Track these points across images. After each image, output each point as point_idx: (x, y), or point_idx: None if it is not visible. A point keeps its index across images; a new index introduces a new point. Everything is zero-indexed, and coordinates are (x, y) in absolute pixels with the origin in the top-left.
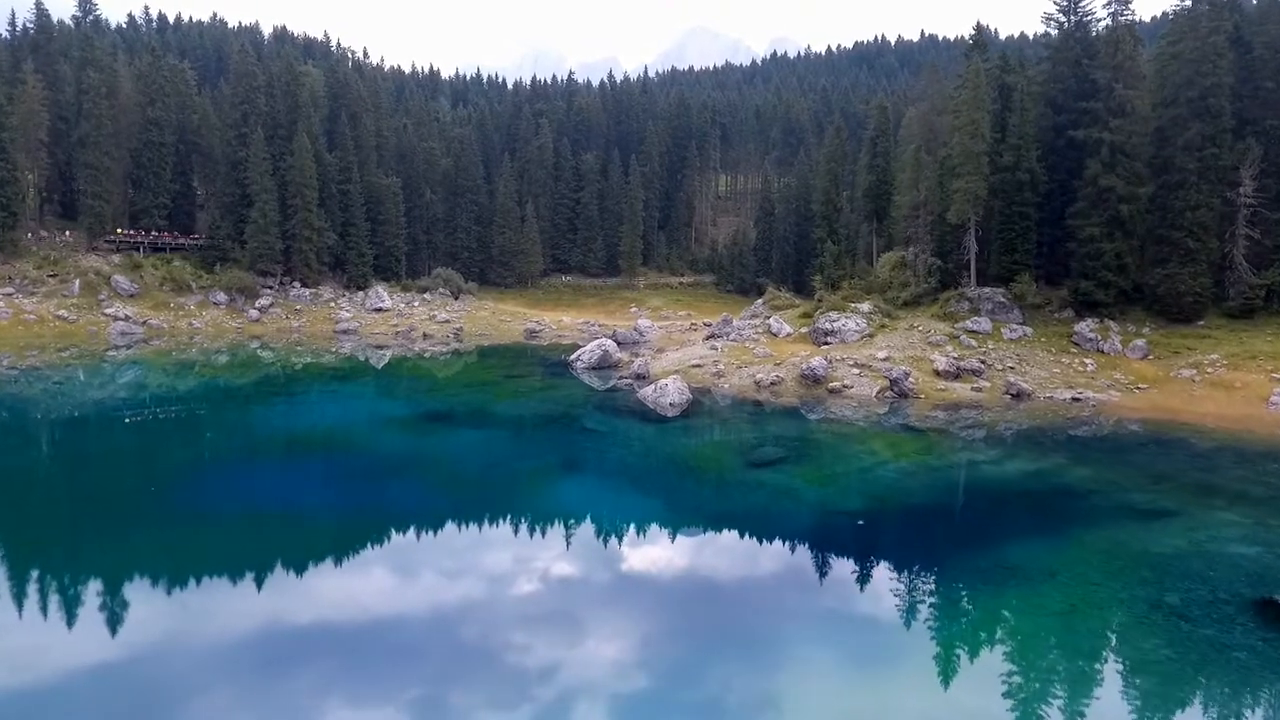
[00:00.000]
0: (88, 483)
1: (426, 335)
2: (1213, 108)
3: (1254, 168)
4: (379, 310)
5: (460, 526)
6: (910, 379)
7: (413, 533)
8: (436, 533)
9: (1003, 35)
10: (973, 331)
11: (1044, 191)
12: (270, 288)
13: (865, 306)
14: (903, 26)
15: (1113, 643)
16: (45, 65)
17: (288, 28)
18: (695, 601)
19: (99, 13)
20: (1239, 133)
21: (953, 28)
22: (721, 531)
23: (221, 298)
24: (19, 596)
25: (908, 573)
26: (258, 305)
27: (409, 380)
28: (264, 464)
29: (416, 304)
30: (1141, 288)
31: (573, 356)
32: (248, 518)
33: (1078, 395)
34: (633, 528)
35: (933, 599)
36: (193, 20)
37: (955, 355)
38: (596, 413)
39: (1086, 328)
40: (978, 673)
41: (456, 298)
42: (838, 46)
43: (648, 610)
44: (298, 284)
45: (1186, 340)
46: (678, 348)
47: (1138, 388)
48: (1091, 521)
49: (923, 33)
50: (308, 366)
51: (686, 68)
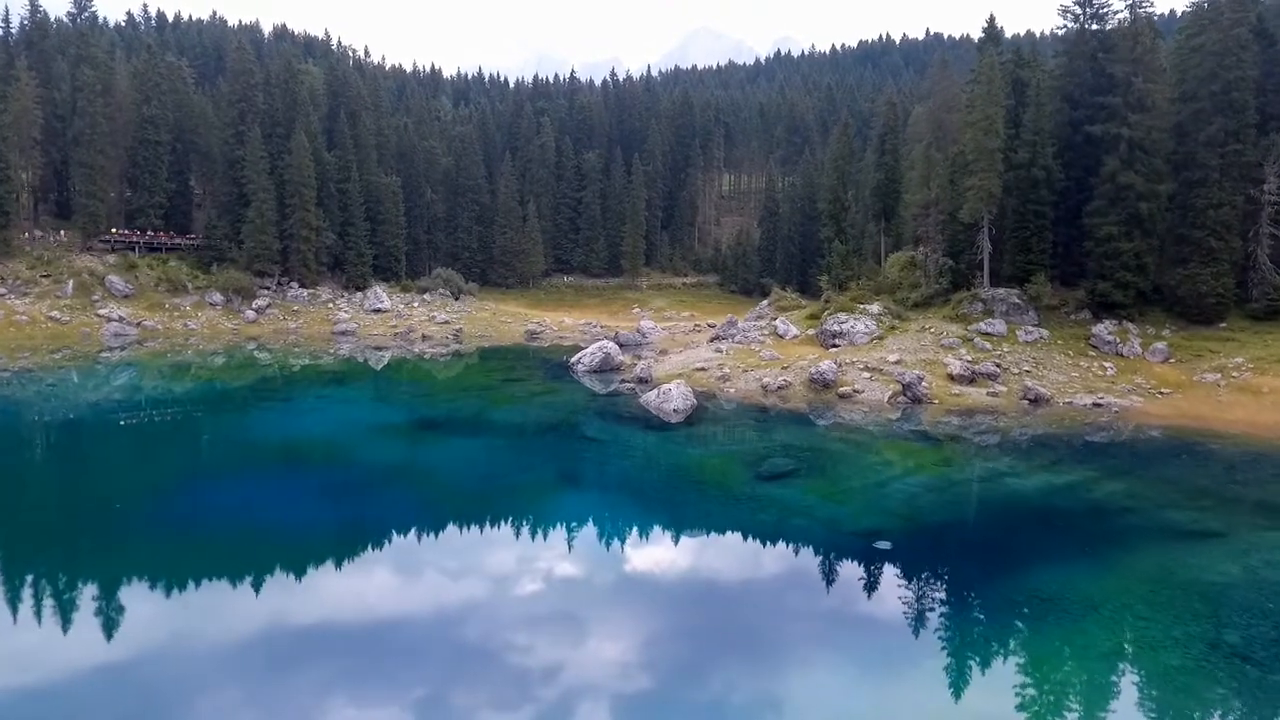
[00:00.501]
0: (58, 490)
1: (425, 337)
2: (1236, 102)
3: (1278, 164)
4: (378, 311)
5: (447, 548)
6: (924, 383)
7: (395, 554)
8: (420, 555)
9: (1009, 33)
10: (987, 334)
11: (1060, 189)
12: (268, 288)
13: (874, 308)
14: (907, 25)
15: (1171, 691)
16: (39, 62)
17: (288, 26)
18: (701, 634)
19: (95, 9)
20: (1263, 128)
21: (958, 26)
22: (729, 554)
23: (218, 298)
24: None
25: (933, 605)
26: (255, 306)
27: (404, 384)
28: (242, 476)
29: (416, 305)
30: (1161, 288)
31: (573, 359)
32: (216, 534)
33: (1099, 400)
34: (633, 551)
35: (963, 636)
36: (192, 19)
37: (969, 358)
38: (597, 419)
39: (1105, 330)
40: None
41: (457, 298)
42: (842, 45)
43: (650, 646)
44: (296, 284)
45: (1209, 343)
46: (681, 350)
47: (1160, 393)
48: (1131, 544)
49: (928, 31)
50: (305, 369)
51: (690, 66)
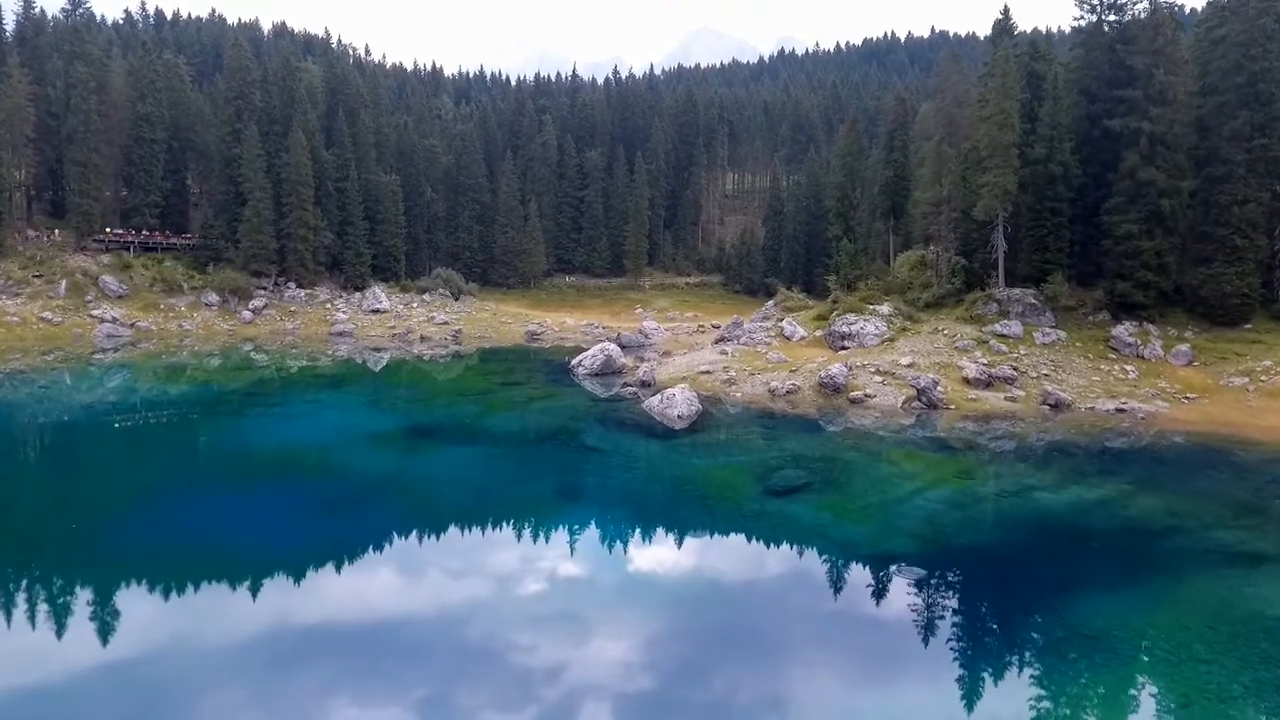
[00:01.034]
0: (40, 495)
1: (424, 338)
2: (1262, 94)
3: None
4: (376, 312)
5: (433, 570)
6: (939, 388)
7: (379, 574)
8: (405, 577)
9: (1021, 29)
10: (1003, 335)
11: (1077, 186)
12: (264, 288)
13: (885, 308)
14: (912, 23)
15: None
16: (33, 59)
17: (288, 24)
18: (710, 674)
19: (90, 6)
20: None
21: (964, 24)
22: (738, 581)
23: (214, 299)
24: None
25: (965, 643)
26: (251, 306)
27: (400, 388)
28: (219, 489)
29: (415, 305)
30: (1182, 288)
31: (574, 362)
32: (181, 554)
33: (1122, 406)
34: (634, 577)
35: (999, 680)
36: (191, 17)
37: (985, 361)
38: (598, 426)
39: (1125, 332)
40: None
41: (456, 299)
42: (846, 43)
43: (654, 687)
44: (293, 285)
45: (1234, 345)
46: (685, 351)
47: (1186, 397)
48: (1179, 569)
49: (933, 29)
50: (300, 371)
51: (693, 65)
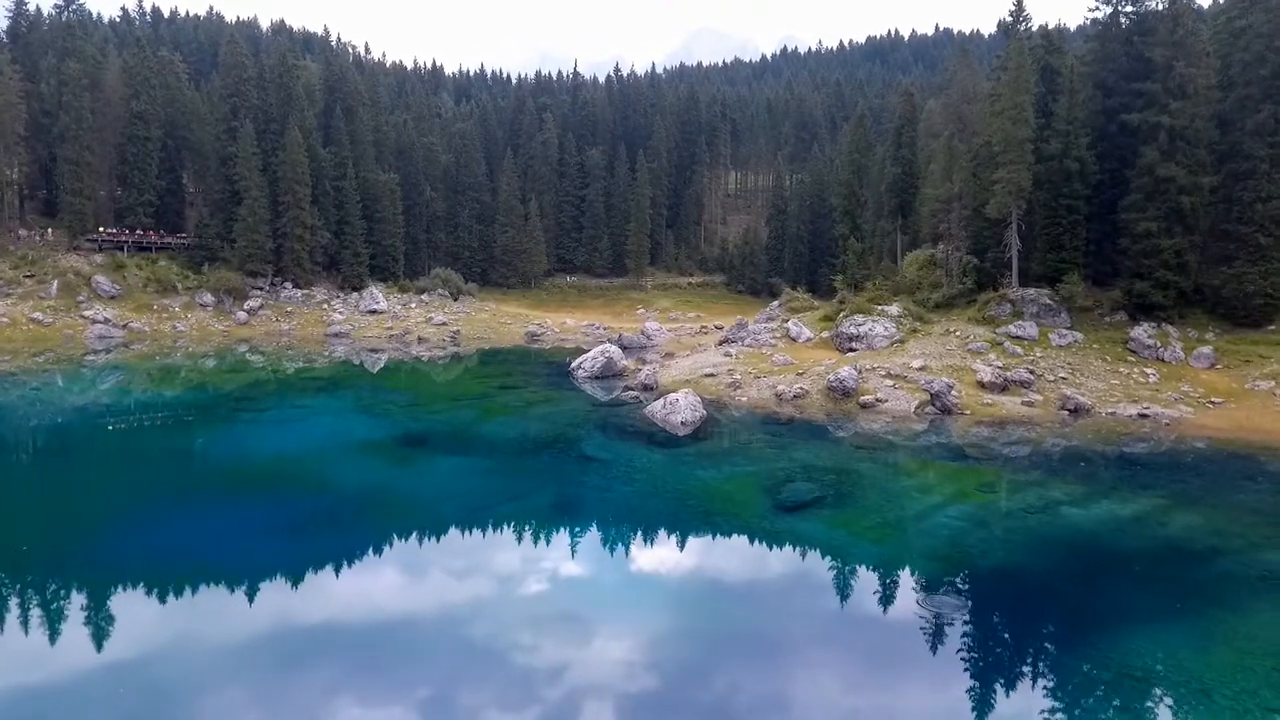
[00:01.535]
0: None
1: (422, 339)
2: None
3: None
4: (373, 312)
5: (414, 595)
6: (953, 392)
7: (344, 603)
8: (384, 605)
9: (1031, 25)
10: (1017, 337)
11: (1093, 183)
12: (260, 289)
13: (894, 309)
14: (916, 20)
15: None
16: (25, 56)
17: (286, 22)
18: (719, 717)
19: (82, 2)
20: None
21: (968, 21)
22: (746, 609)
23: (208, 299)
24: None
25: (998, 682)
26: (246, 307)
27: (394, 392)
28: (190, 505)
29: (413, 305)
30: (1202, 289)
31: (574, 364)
32: (135, 576)
33: (1144, 411)
34: (634, 604)
35: None
36: (189, 14)
37: (1000, 364)
38: (598, 433)
39: (1144, 333)
40: None
41: (455, 299)
42: (849, 41)
43: None
44: (289, 285)
45: (1257, 347)
46: (688, 353)
47: (1211, 402)
48: (1232, 598)
49: (937, 26)
50: (295, 374)
51: (695, 64)
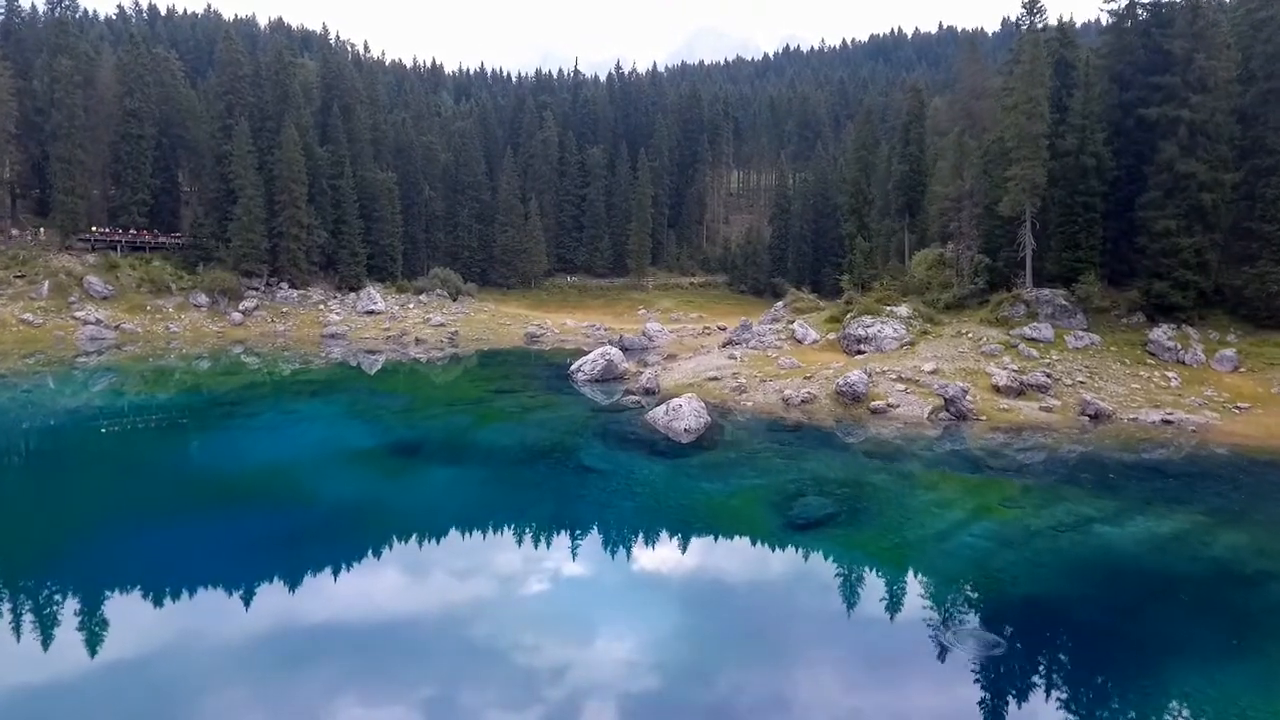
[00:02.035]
0: None
1: (419, 340)
2: None
3: None
4: (371, 313)
5: (391, 629)
6: (968, 397)
7: (330, 636)
8: (352, 633)
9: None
10: (1032, 339)
11: (1110, 179)
12: (256, 289)
13: (903, 310)
14: (919, 19)
15: None
16: (16, 52)
17: (284, 20)
18: None
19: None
20: None
21: (972, 19)
22: (758, 643)
23: (203, 300)
24: None
25: None
26: (241, 308)
27: (387, 396)
28: (157, 519)
29: (411, 306)
30: (1223, 289)
31: (574, 367)
32: (98, 597)
33: (1168, 417)
34: (632, 640)
35: None
36: (186, 12)
37: (1016, 368)
38: (597, 442)
39: (1163, 335)
40: None
41: (454, 299)
42: (852, 40)
43: None
44: (285, 285)
45: None
46: (690, 355)
47: (1237, 407)
48: None
49: (940, 24)
50: (294, 374)
51: (697, 62)
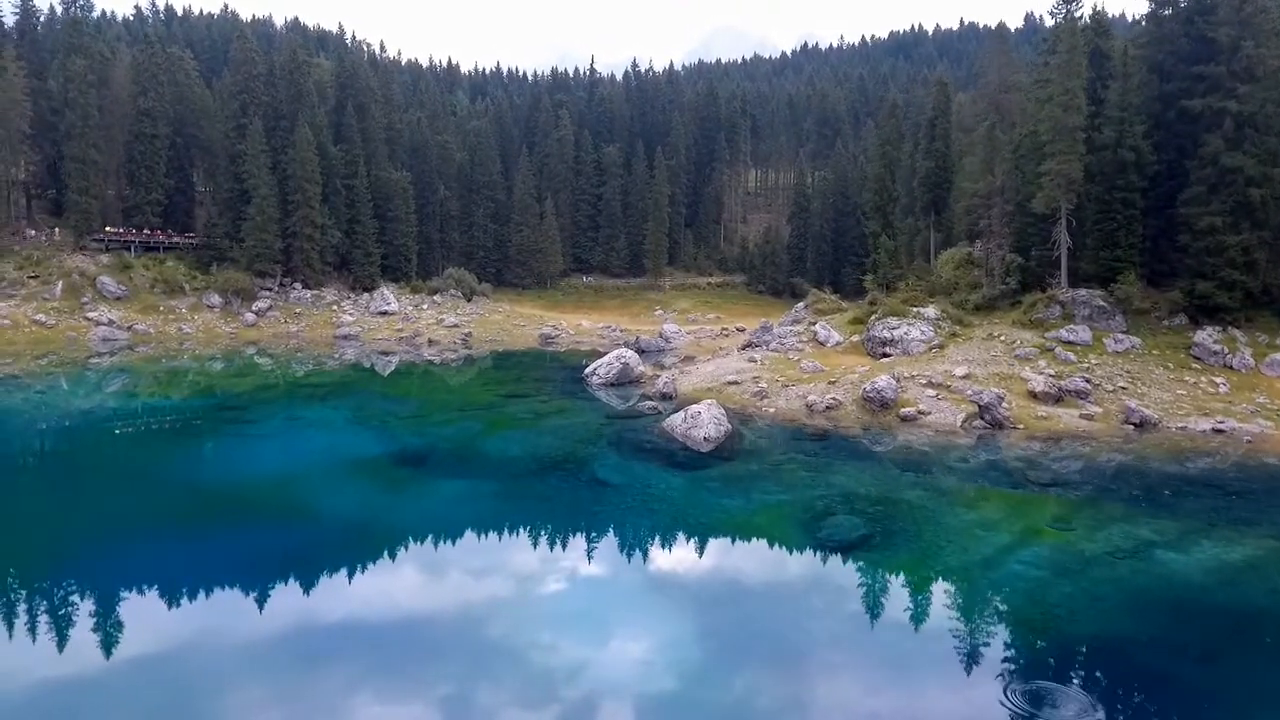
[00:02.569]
0: None
1: (432, 341)
2: None
3: None
4: (384, 314)
5: (375, 662)
6: (1004, 404)
7: (291, 673)
8: (331, 675)
9: (1049, 22)
10: (1069, 343)
11: (1150, 174)
12: (269, 289)
13: (930, 311)
14: (940, 15)
15: None
16: (33, 54)
17: (300, 20)
18: None
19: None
20: None
21: (993, 15)
22: (786, 683)
23: (215, 300)
24: None
25: None
26: (254, 308)
27: (396, 400)
28: (138, 537)
29: (425, 307)
30: (1271, 289)
31: (588, 370)
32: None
33: (1219, 426)
34: (643, 689)
35: None
36: (202, 13)
37: (1053, 373)
38: (612, 452)
39: (1208, 338)
40: None
41: (469, 299)
42: (871, 36)
43: None
44: (299, 285)
45: None
46: (709, 358)
47: None
48: None
49: (962, 20)
50: (308, 375)
51: (714, 60)
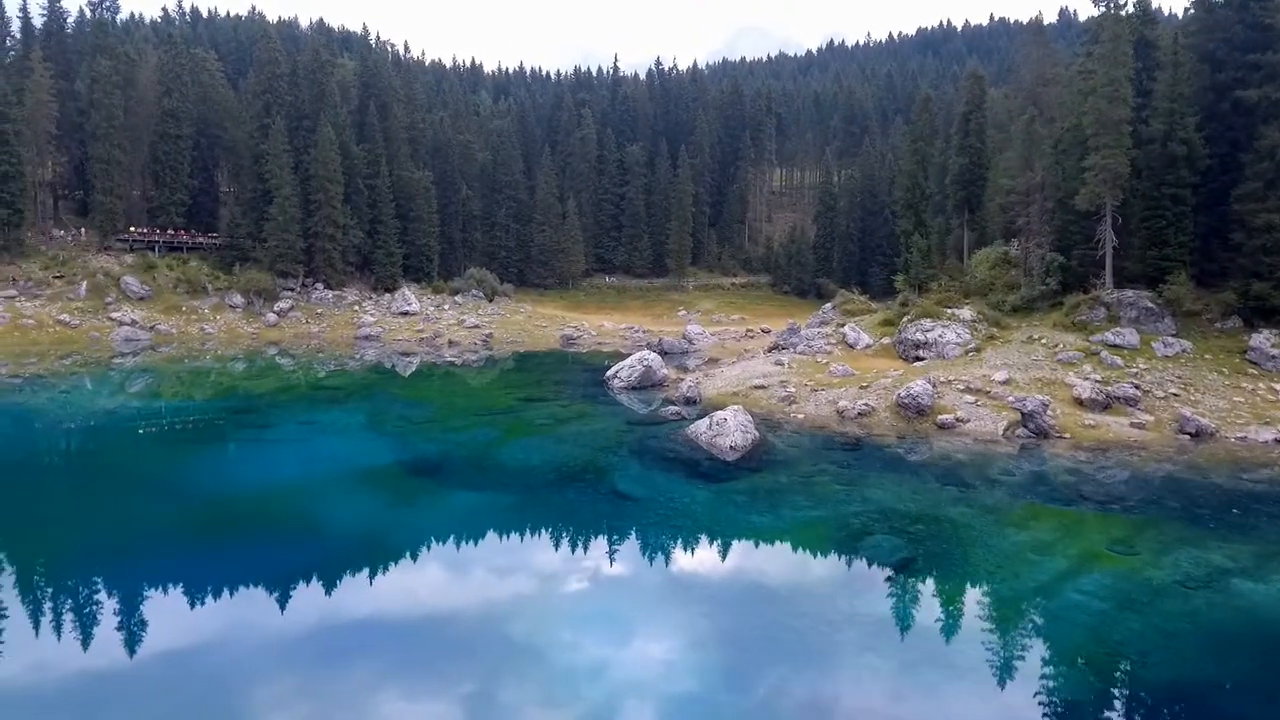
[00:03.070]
0: None
1: (452, 342)
2: None
3: None
4: (405, 314)
5: (378, 681)
6: (1049, 412)
7: (285, 691)
8: (325, 691)
9: (1083, 15)
10: (1115, 346)
11: (1201, 169)
12: (291, 290)
13: (966, 313)
14: (970, 10)
15: None
16: (59, 55)
17: (325, 21)
18: None
19: (119, 1)
20: None
21: (1024, 10)
22: None
23: (238, 300)
24: None
25: None
26: (276, 309)
27: (411, 405)
28: (161, 542)
29: (446, 307)
30: None
31: (610, 373)
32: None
33: None
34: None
35: None
36: (229, 14)
37: (1099, 378)
38: (633, 461)
39: (1266, 342)
40: None
41: (490, 300)
42: (899, 33)
43: None
44: (321, 285)
45: None
46: (733, 360)
47: None
48: None
49: (992, 16)
50: (330, 375)
51: (739, 58)
